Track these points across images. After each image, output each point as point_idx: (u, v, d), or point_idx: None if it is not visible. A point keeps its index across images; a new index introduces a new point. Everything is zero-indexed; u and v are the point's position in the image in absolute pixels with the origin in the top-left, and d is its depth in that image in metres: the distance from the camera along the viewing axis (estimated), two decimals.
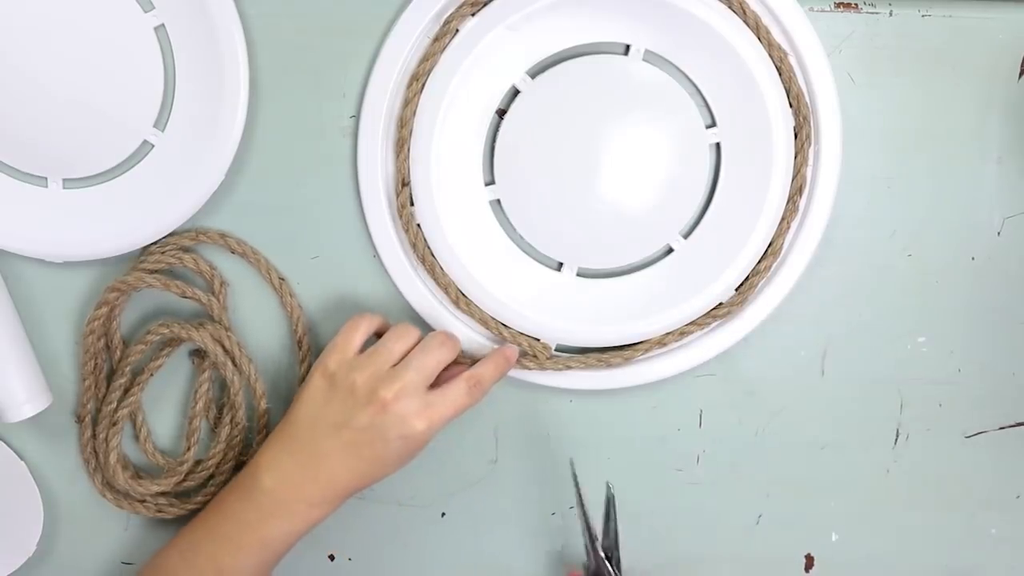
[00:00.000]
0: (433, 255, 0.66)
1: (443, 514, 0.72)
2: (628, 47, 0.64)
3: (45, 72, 0.62)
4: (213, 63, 0.62)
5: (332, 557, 0.72)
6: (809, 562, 0.73)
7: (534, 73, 0.64)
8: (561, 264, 0.68)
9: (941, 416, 0.71)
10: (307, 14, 0.64)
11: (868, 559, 0.73)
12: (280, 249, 0.68)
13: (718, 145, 0.65)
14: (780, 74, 0.63)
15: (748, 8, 0.62)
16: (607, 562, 0.66)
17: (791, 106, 0.64)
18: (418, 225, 0.65)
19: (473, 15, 0.63)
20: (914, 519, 0.72)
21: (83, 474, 0.70)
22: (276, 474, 0.61)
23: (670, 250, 0.67)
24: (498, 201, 0.67)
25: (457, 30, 0.63)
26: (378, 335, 0.64)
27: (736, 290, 0.66)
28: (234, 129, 0.63)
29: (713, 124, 0.65)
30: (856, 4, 0.65)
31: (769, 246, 0.66)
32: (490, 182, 0.66)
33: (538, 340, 0.67)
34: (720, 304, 0.66)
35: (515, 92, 0.65)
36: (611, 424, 0.70)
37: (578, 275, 0.68)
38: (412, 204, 0.65)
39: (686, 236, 0.67)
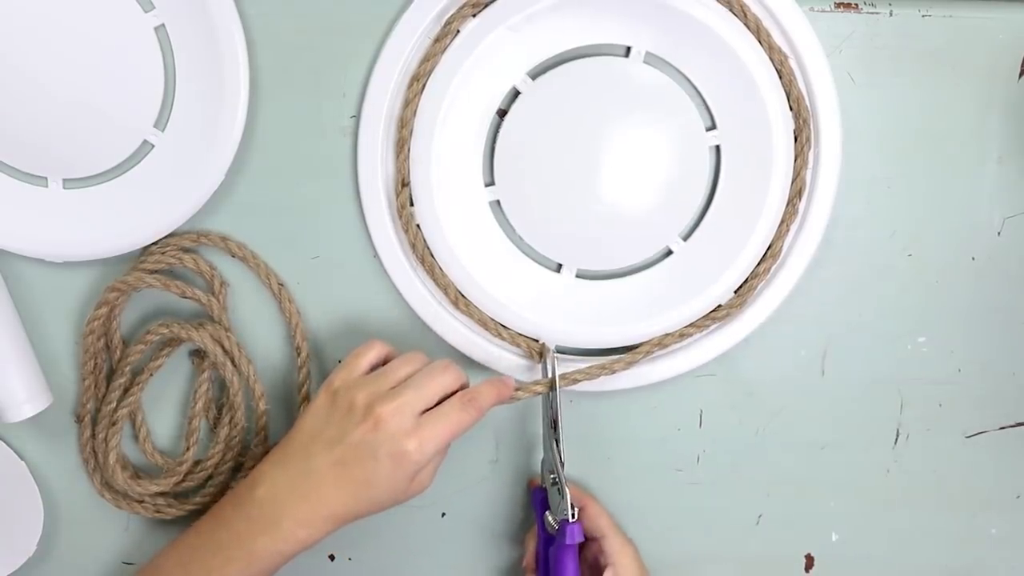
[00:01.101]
0: (432, 256, 0.66)
1: (443, 514, 0.72)
2: (629, 49, 0.64)
3: (45, 72, 0.62)
4: (213, 63, 0.62)
5: (332, 557, 0.72)
6: (809, 562, 0.73)
7: (535, 74, 0.64)
8: (560, 265, 0.68)
9: (941, 416, 0.71)
10: (307, 14, 0.64)
11: (868, 559, 0.73)
12: (280, 249, 0.68)
13: (718, 147, 0.65)
14: (780, 77, 0.63)
15: (749, 11, 0.62)
16: (557, 450, 0.65)
17: (791, 109, 0.64)
18: (417, 226, 0.65)
19: (474, 16, 0.63)
20: (914, 519, 0.72)
21: (83, 474, 0.70)
22: (269, 487, 0.60)
23: (669, 252, 0.67)
24: (498, 202, 0.67)
25: (458, 31, 0.63)
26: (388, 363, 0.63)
27: (735, 292, 0.66)
28: (234, 129, 0.63)
29: (713, 127, 0.65)
30: (856, 4, 0.65)
31: (768, 249, 0.66)
32: (490, 183, 0.66)
33: (537, 341, 0.67)
34: (719, 306, 0.66)
35: (516, 93, 0.65)
36: (611, 424, 0.70)
37: (577, 276, 0.68)
38: (412, 204, 0.65)
39: (685, 238, 0.67)
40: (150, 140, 0.64)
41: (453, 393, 0.61)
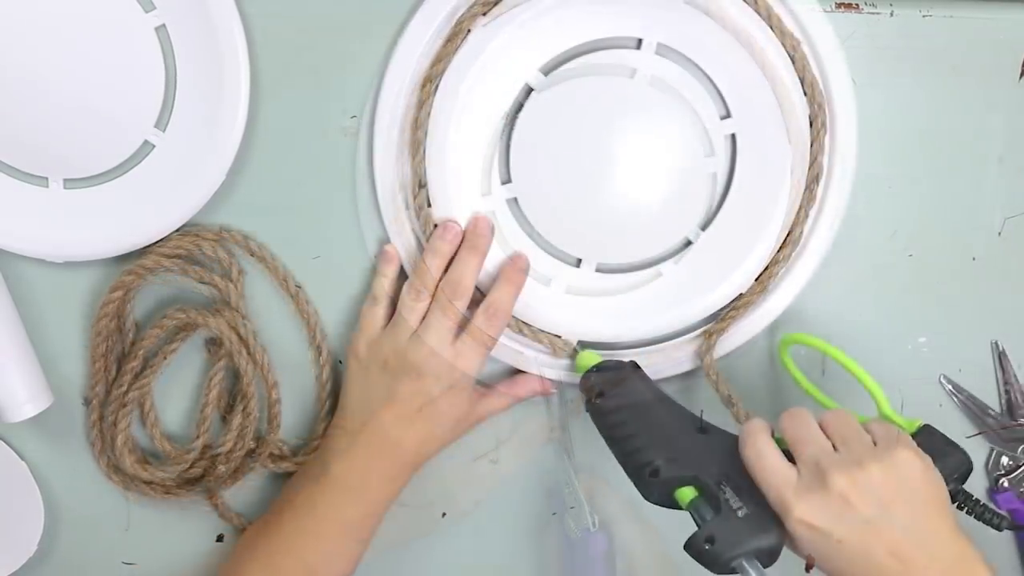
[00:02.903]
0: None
1: (443, 514, 0.72)
2: (640, 41, 0.64)
3: (46, 72, 0.62)
4: (214, 63, 0.62)
5: None
6: (810, 562, 0.73)
7: (547, 71, 0.64)
8: (580, 260, 0.68)
9: (942, 416, 0.71)
10: (308, 14, 0.64)
11: None
12: (281, 249, 0.67)
13: (733, 136, 0.65)
14: (794, 62, 0.63)
15: None
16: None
17: (805, 94, 0.64)
18: (435, 225, 0.65)
19: (484, 15, 0.62)
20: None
21: (84, 472, 0.70)
22: (344, 461, 0.63)
23: (689, 242, 0.67)
24: (515, 199, 0.66)
25: (469, 30, 0.63)
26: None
27: (756, 280, 0.66)
28: (235, 129, 0.63)
29: (728, 115, 0.65)
30: (857, 4, 0.65)
31: (788, 235, 0.66)
32: (506, 180, 0.66)
33: (559, 337, 0.67)
34: (741, 295, 0.66)
35: (529, 90, 0.64)
36: None
37: (597, 270, 0.68)
38: (430, 205, 0.65)
39: (704, 228, 0.66)
40: (151, 140, 0.64)
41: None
